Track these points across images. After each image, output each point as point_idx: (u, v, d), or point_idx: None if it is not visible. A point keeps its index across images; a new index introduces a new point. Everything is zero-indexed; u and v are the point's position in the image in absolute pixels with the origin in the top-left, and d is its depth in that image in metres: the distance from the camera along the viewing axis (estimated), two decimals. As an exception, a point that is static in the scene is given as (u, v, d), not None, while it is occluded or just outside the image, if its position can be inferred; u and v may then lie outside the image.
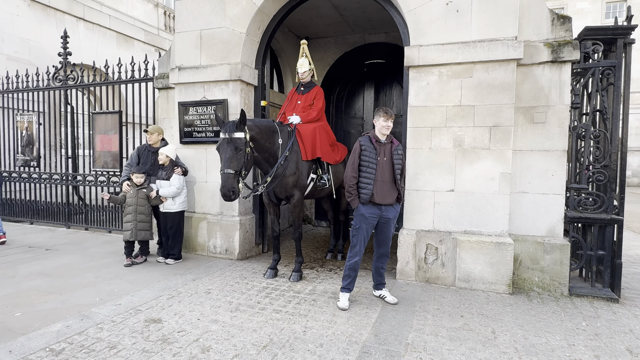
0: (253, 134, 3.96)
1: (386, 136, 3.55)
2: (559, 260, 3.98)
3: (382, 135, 3.53)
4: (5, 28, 8.46)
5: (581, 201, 4.07)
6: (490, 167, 4.06)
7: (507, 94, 3.98)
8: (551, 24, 4.03)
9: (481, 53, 3.99)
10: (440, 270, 4.22)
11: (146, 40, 12.01)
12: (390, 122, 3.48)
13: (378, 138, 3.53)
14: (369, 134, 3.61)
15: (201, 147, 5.31)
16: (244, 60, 5.10)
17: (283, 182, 4.27)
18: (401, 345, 2.85)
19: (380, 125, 3.49)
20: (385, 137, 3.55)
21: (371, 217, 3.53)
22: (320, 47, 7.57)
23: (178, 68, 5.34)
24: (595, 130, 4.02)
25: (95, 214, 6.97)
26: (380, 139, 3.53)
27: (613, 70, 3.90)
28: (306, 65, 4.79)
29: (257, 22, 5.10)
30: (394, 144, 3.58)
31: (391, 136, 3.60)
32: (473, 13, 4.05)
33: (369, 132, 3.63)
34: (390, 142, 3.57)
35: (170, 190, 4.78)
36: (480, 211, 4.10)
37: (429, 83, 4.22)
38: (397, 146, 3.58)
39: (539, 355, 2.74)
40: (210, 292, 3.88)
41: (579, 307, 3.66)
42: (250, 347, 2.77)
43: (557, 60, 3.95)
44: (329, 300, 3.73)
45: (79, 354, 2.65)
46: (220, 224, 5.20)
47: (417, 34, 4.26)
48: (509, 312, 3.51)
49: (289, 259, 5.15)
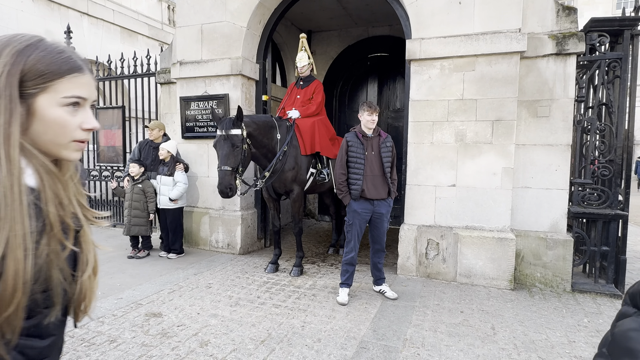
0: (250, 130, 3.95)
1: (373, 130, 3.52)
2: (562, 255, 3.94)
3: (368, 130, 3.51)
4: (9, 23, 8.50)
5: (585, 196, 4.01)
6: (492, 162, 4.01)
7: (510, 87, 3.92)
8: (556, 15, 3.95)
9: (484, 46, 3.93)
10: (441, 265, 4.20)
11: (150, 35, 12.00)
12: (375, 116, 3.46)
13: (364, 132, 3.51)
14: (355, 129, 3.59)
15: (203, 142, 5.32)
16: (245, 54, 5.08)
17: (282, 177, 4.26)
18: (399, 340, 2.85)
19: (365, 119, 3.47)
20: (372, 131, 3.52)
21: (363, 213, 3.52)
22: (324, 40, 7.51)
23: (179, 63, 5.33)
24: (601, 124, 3.95)
25: (100, 208, 7.04)
26: (367, 133, 3.51)
27: (619, 63, 3.81)
28: (305, 59, 4.75)
29: (258, 16, 5.07)
30: (381, 137, 3.55)
31: (379, 129, 3.58)
32: (476, 5, 3.98)
33: (355, 127, 3.61)
34: (377, 136, 3.55)
35: (179, 188, 4.80)
36: (482, 206, 4.06)
37: (431, 77, 4.17)
38: (384, 139, 3.55)
39: (538, 352, 2.72)
40: (211, 287, 3.91)
41: (582, 304, 3.62)
42: (248, 342, 2.79)
43: (562, 52, 3.88)
44: (328, 295, 3.73)
45: (80, 347, 2.68)
46: (222, 219, 5.22)
47: (419, 27, 4.20)
48: (510, 308, 3.49)
49: (291, 254, 5.16)
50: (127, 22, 11.25)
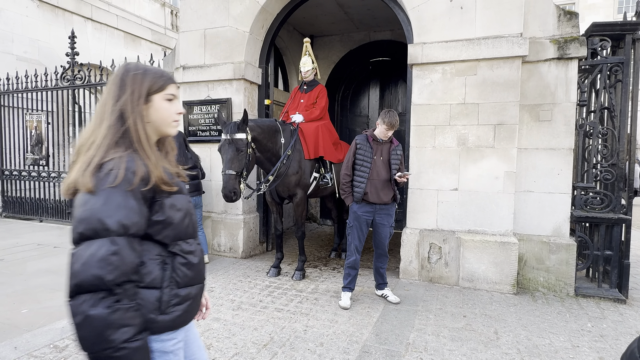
0: (255, 134, 3.97)
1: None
2: (565, 260, 3.93)
3: (381, 136, 3.51)
4: (15, 29, 8.58)
5: (588, 200, 4.00)
6: (494, 166, 4.01)
7: (512, 91, 3.93)
8: (557, 20, 3.96)
9: (485, 50, 3.94)
10: (443, 269, 4.19)
11: (153, 40, 12.09)
12: (390, 133, 3.45)
13: (376, 137, 3.51)
14: (367, 132, 3.59)
15: (205, 146, 5.34)
16: (247, 59, 5.11)
17: (285, 181, 4.27)
18: (402, 345, 2.84)
19: (380, 131, 3.47)
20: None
21: (364, 216, 3.52)
22: (326, 45, 7.55)
23: (182, 67, 5.37)
24: (603, 128, 3.95)
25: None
26: (378, 138, 3.51)
27: (621, 67, 3.82)
28: (309, 63, 4.77)
29: (260, 21, 5.10)
30: (393, 144, 3.55)
31: (391, 136, 3.58)
32: (477, 9, 4.00)
33: (367, 131, 3.62)
34: (389, 142, 3.55)
35: None
36: (485, 210, 4.06)
37: (433, 81, 4.19)
38: (396, 146, 3.55)
39: (542, 357, 2.71)
40: (213, 290, 3.91)
41: (585, 308, 3.61)
42: (250, 346, 2.78)
43: (564, 57, 3.89)
44: (331, 299, 3.73)
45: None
46: (224, 223, 5.23)
47: (421, 32, 4.22)
48: (513, 312, 3.48)
49: (293, 258, 5.16)
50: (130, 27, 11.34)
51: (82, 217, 0.97)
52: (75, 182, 1.02)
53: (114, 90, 1.11)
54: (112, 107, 1.09)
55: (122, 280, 0.97)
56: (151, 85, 1.14)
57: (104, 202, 0.97)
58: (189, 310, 1.17)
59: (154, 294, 1.08)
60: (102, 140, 1.06)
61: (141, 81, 1.12)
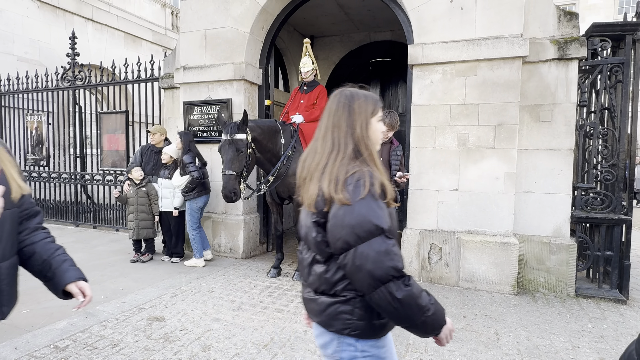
0: (255, 135, 3.97)
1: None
2: (565, 260, 3.92)
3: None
4: (15, 29, 8.60)
5: (588, 201, 4.00)
6: (495, 166, 4.01)
7: (512, 92, 3.93)
8: (558, 20, 3.97)
9: (486, 51, 3.94)
10: (444, 270, 4.19)
11: (154, 40, 12.10)
12: (390, 134, 3.47)
13: None
14: None
15: (205, 147, 5.34)
16: (247, 59, 5.11)
17: (285, 182, 4.27)
18: (402, 345, 2.84)
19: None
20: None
21: None
22: (326, 45, 7.56)
23: (183, 68, 5.38)
24: (603, 129, 3.95)
25: (103, 212, 7.06)
26: None
27: (621, 68, 3.82)
28: (309, 64, 4.77)
29: (260, 22, 5.11)
30: (393, 145, 3.55)
31: (392, 137, 3.58)
32: (478, 10, 4.00)
33: None
34: (389, 143, 3.55)
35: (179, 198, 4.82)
36: (485, 211, 4.06)
37: (433, 81, 4.19)
38: (396, 147, 3.55)
39: (542, 357, 2.70)
40: (213, 291, 3.91)
41: (585, 309, 3.60)
42: (250, 346, 2.78)
43: (564, 57, 3.89)
44: (331, 299, 3.72)
45: (82, 351, 2.69)
46: (224, 223, 5.23)
47: (421, 32, 4.22)
48: (513, 313, 3.47)
49: (293, 258, 5.16)
50: (131, 28, 11.35)
51: (352, 224, 1.13)
52: (328, 197, 1.18)
53: (346, 117, 1.27)
54: (345, 132, 1.25)
55: (404, 264, 1.17)
56: (373, 110, 1.29)
57: (367, 209, 1.14)
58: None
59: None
60: (342, 159, 1.22)
61: (365, 107, 1.28)
